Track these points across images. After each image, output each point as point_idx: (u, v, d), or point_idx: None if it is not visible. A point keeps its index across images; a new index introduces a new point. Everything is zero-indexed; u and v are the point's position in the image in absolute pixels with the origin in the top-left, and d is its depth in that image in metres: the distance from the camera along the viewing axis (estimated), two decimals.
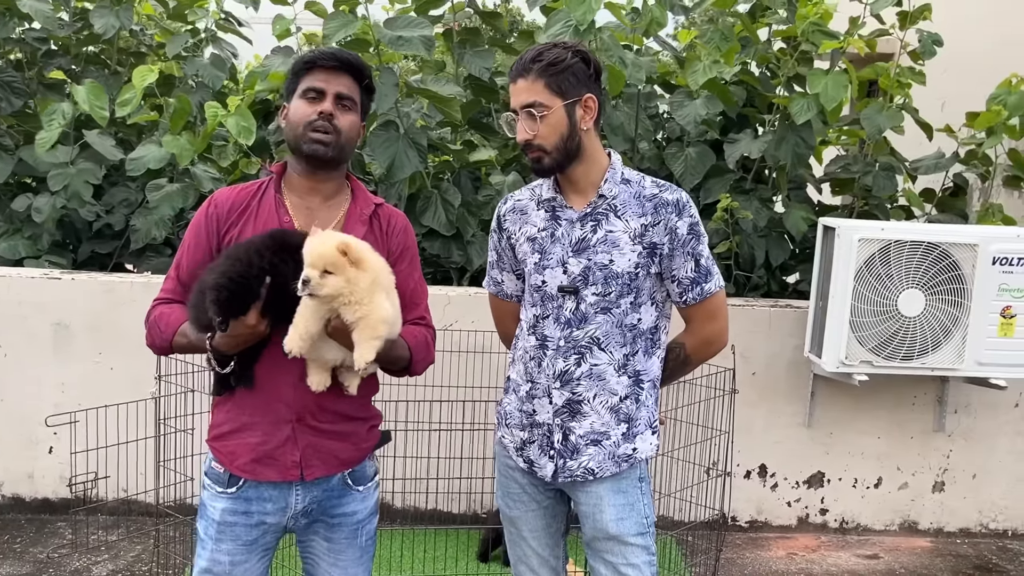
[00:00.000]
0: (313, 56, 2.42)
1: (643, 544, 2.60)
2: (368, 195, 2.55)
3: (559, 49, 2.48)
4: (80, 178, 5.04)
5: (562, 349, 2.56)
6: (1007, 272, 4.35)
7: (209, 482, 2.46)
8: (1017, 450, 4.90)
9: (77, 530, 4.51)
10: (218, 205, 2.44)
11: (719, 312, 2.64)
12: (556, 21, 4.88)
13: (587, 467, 2.57)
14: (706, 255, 2.57)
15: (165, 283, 2.47)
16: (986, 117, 5.83)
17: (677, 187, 2.57)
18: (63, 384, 4.62)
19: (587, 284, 2.53)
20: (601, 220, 2.54)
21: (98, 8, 5.44)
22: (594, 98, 2.51)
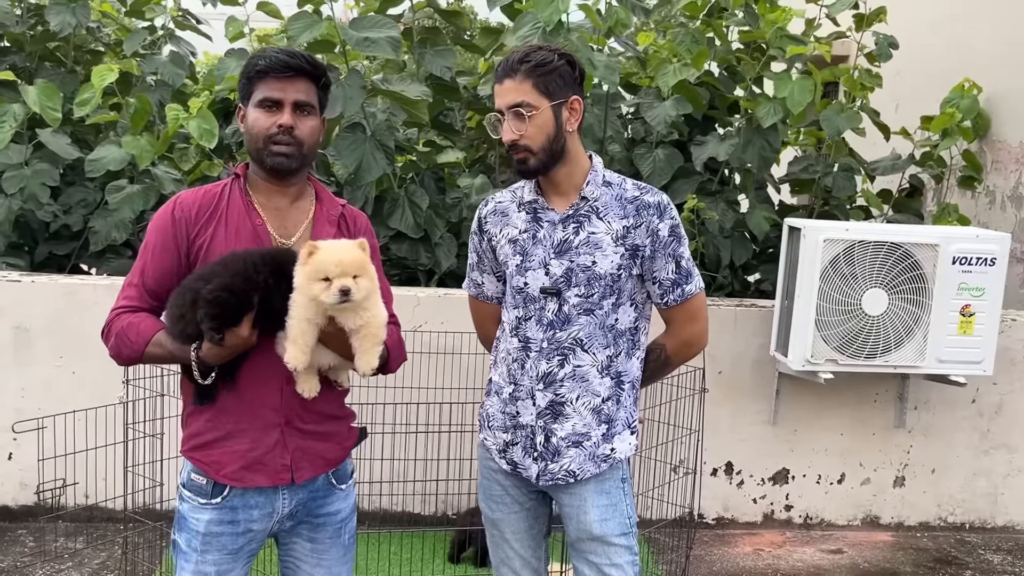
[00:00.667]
0: (265, 64, 2.34)
1: (626, 544, 2.63)
2: (332, 196, 2.54)
3: (546, 51, 2.49)
4: (36, 180, 4.95)
5: (545, 351, 2.58)
6: (966, 272, 4.45)
7: (190, 494, 2.40)
8: (974, 445, 5.01)
9: (40, 538, 4.42)
10: (184, 208, 2.36)
11: (699, 313, 2.68)
12: (524, 23, 4.89)
13: (568, 469, 2.59)
14: (687, 257, 2.61)
15: (126, 290, 2.38)
16: (940, 120, 5.96)
17: (658, 190, 2.60)
18: (23, 389, 4.52)
19: (569, 285, 2.54)
20: (583, 222, 2.55)
21: (54, 5, 5.33)
22: (579, 100, 2.53)
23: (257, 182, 2.42)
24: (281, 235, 2.39)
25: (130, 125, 4.82)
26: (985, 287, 4.47)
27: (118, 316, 2.35)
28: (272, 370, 2.34)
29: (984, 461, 5.03)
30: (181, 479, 2.43)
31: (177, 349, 2.27)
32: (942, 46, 6.99)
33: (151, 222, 2.40)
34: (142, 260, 2.37)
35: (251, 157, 2.41)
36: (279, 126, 2.33)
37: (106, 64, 4.85)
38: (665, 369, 2.76)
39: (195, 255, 2.34)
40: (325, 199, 2.51)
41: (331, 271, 2.18)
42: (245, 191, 2.41)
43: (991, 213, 6.29)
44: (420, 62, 5.53)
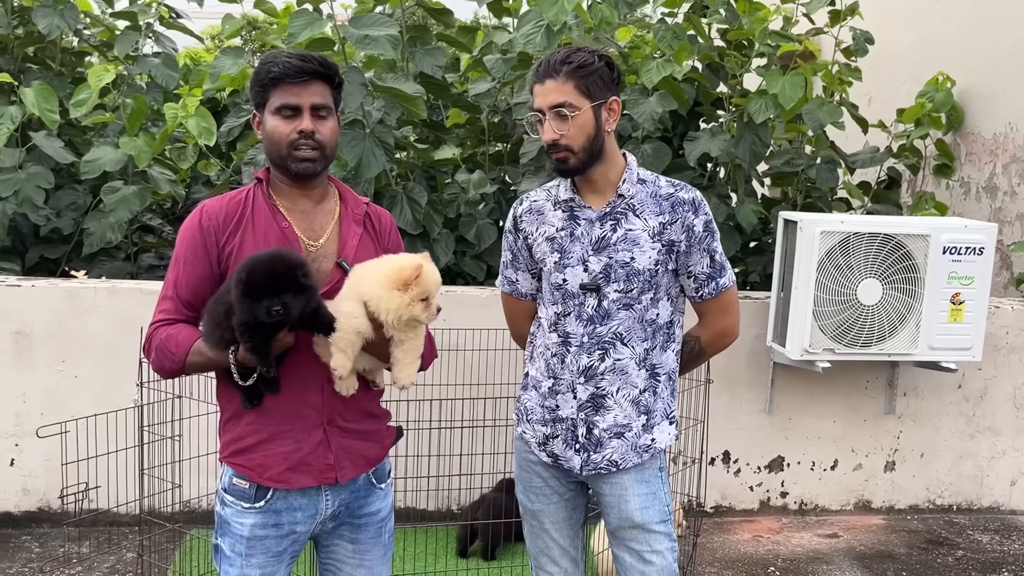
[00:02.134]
0: (280, 71, 2.34)
1: (665, 531, 2.71)
2: (355, 195, 2.57)
3: (586, 53, 2.57)
4: (31, 183, 4.90)
5: (586, 345, 2.64)
6: (956, 261, 4.58)
7: (232, 499, 2.41)
8: (960, 429, 5.17)
9: (45, 543, 4.40)
10: (211, 216, 2.38)
11: (732, 306, 2.77)
12: (527, 21, 4.95)
13: (611, 459, 2.67)
14: (720, 251, 2.69)
15: (161, 304, 2.39)
16: (912, 111, 6.12)
17: (691, 187, 2.68)
18: (24, 394, 4.48)
19: (609, 281, 2.61)
20: (620, 219, 2.62)
21: (41, 8, 5.27)
22: (618, 101, 2.60)
23: (280, 186, 2.44)
24: (309, 237, 2.41)
25: (126, 126, 4.79)
26: (974, 276, 4.61)
27: (156, 330, 2.36)
28: (312, 370, 2.37)
29: (970, 444, 5.19)
30: (222, 484, 2.44)
31: (216, 355, 2.28)
32: (913, 41, 7.16)
33: (179, 234, 2.41)
34: (174, 272, 2.39)
35: (273, 163, 2.42)
36: (300, 132, 2.34)
37: (101, 65, 4.81)
38: (698, 360, 2.87)
39: (225, 261, 2.35)
40: (349, 198, 2.53)
41: (433, 291, 2.25)
42: (269, 196, 2.42)
43: (966, 204, 6.47)
44: (410, 60, 5.56)
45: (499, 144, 6.24)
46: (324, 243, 2.42)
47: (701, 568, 4.47)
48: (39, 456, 4.47)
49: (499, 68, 5.63)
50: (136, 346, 3.92)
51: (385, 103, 5.12)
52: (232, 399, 2.41)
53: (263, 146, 2.42)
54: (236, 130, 5.66)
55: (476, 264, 5.47)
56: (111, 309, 4.47)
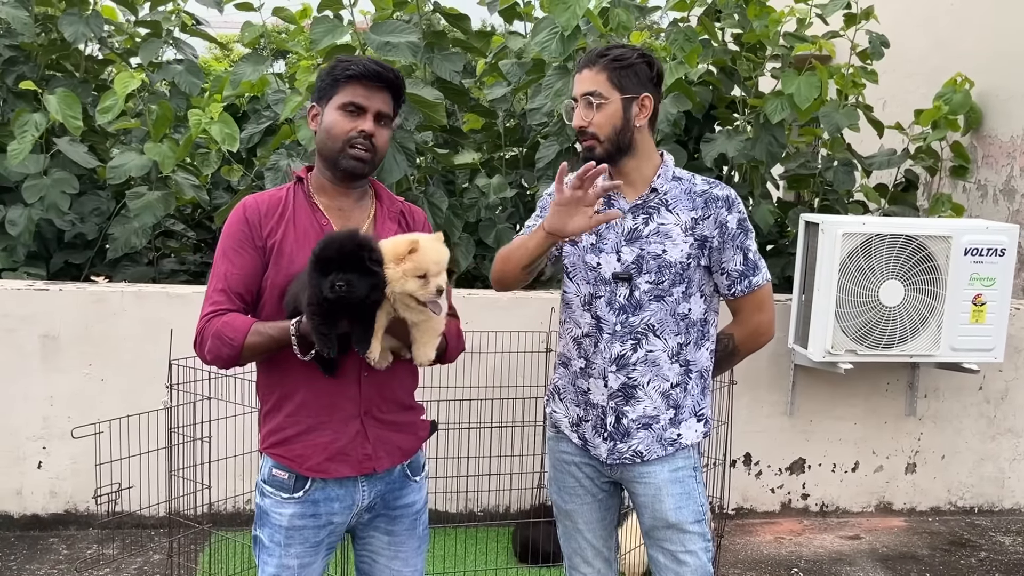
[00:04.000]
0: (358, 70, 2.40)
1: (699, 531, 2.71)
2: (391, 193, 2.61)
3: (626, 49, 2.64)
4: (56, 188, 4.95)
5: (619, 334, 2.66)
6: (977, 262, 4.59)
7: (272, 490, 2.46)
8: (981, 431, 5.17)
9: (72, 545, 4.43)
10: (253, 210, 2.43)
11: (766, 304, 2.77)
12: (542, 28, 4.97)
13: (636, 450, 2.69)
14: (754, 249, 2.71)
15: (212, 297, 2.40)
16: (929, 113, 6.14)
17: (726, 184, 2.71)
18: (52, 397, 4.52)
19: (640, 272, 2.64)
20: (652, 213, 2.66)
21: (66, 16, 5.32)
22: (651, 98, 2.64)
23: (322, 184, 2.48)
24: None
25: (151, 132, 4.84)
26: (995, 277, 4.62)
27: (209, 321, 2.38)
28: (350, 362, 2.42)
29: (991, 446, 5.19)
30: (261, 476, 2.49)
31: (277, 331, 2.32)
32: (928, 44, 7.17)
33: (223, 231, 2.46)
34: (223, 267, 2.41)
35: (323, 157, 2.46)
36: (361, 131, 2.39)
37: (127, 72, 4.85)
38: (733, 359, 2.86)
39: (269, 253, 2.40)
40: (384, 196, 2.58)
41: (431, 269, 2.25)
42: (309, 193, 2.47)
43: (983, 206, 6.47)
44: (428, 65, 5.60)
45: (515, 149, 6.27)
46: None
47: (724, 570, 4.48)
48: (66, 459, 4.52)
49: (515, 73, 5.66)
50: (163, 349, 3.97)
51: (405, 108, 5.15)
52: (273, 390, 2.46)
53: (317, 138, 2.46)
54: (257, 136, 5.70)
55: None
56: (137, 313, 4.50)
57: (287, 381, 2.43)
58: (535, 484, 4.77)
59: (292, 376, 2.42)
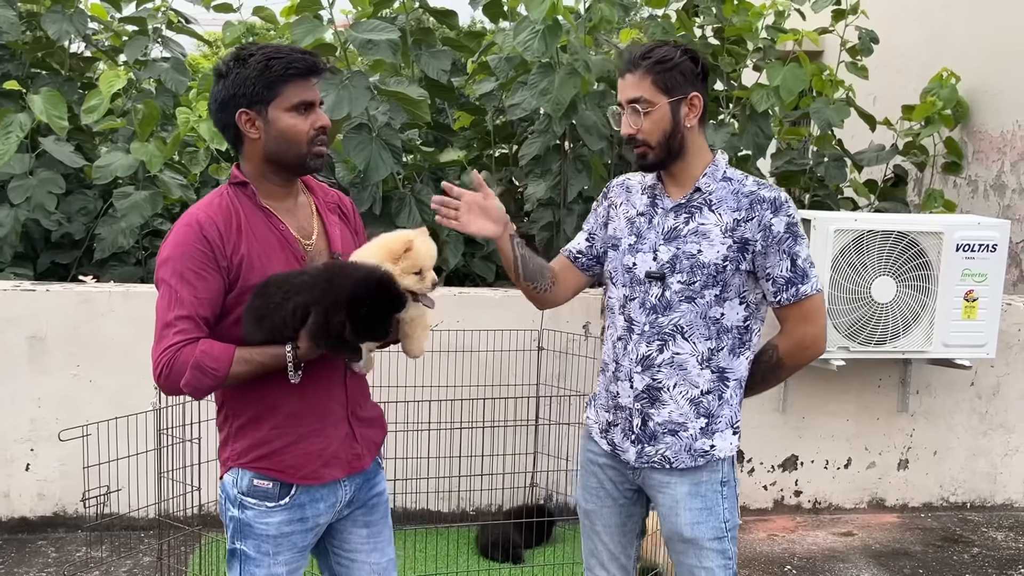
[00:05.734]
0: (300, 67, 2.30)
1: (719, 548, 2.61)
2: (319, 183, 2.56)
3: (668, 47, 2.54)
4: (43, 189, 4.91)
5: (646, 334, 2.60)
6: (969, 258, 4.59)
7: (255, 501, 2.39)
8: (973, 426, 5.17)
9: (61, 548, 4.40)
10: (212, 228, 2.27)
11: (814, 315, 2.59)
12: (524, 27, 4.94)
13: (664, 455, 2.60)
14: (804, 256, 2.55)
15: (176, 326, 2.23)
16: (922, 108, 6.14)
17: (778, 187, 2.60)
18: (39, 399, 4.48)
19: (673, 271, 2.57)
20: (695, 212, 2.59)
21: (50, 13, 5.27)
22: (699, 96, 2.55)
23: (267, 185, 2.37)
24: (301, 235, 2.40)
25: (138, 131, 4.80)
26: (987, 273, 4.61)
27: (180, 351, 2.22)
28: (336, 367, 2.41)
29: (983, 442, 5.19)
30: (238, 488, 2.39)
31: (268, 357, 2.26)
32: (919, 40, 7.17)
33: (173, 251, 2.27)
34: (185, 291, 2.24)
35: (275, 162, 2.33)
36: (320, 127, 2.34)
37: (113, 71, 4.81)
38: (778, 372, 2.68)
39: (236, 271, 2.29)
40: (315, 188, 2.53)
41: (427, 264, 2.29)
42: (255, 197, 2.35)
43: (974, 202, 6.48)
44: (415, 63, 5.58)
45: (504, 146, 6.25)
46: (316, 239, 2.44)
47: None
48: (54, 461, 4.48)
49: (503, 68, 5.64)
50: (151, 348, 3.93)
51: (390, 106, 5.12)
52: (248, 405, 2.38)
53: (266, 145, 2.31)
54: None
55: (485, 265, 5.48)
56: (126, 313, 4.46)
57: (265, 395, 2.36)
58: (527, 483, 4.75)
59: (272, 389, 2.34)
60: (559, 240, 5.22)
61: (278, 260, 2.33)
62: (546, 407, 4.70)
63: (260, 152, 2.33)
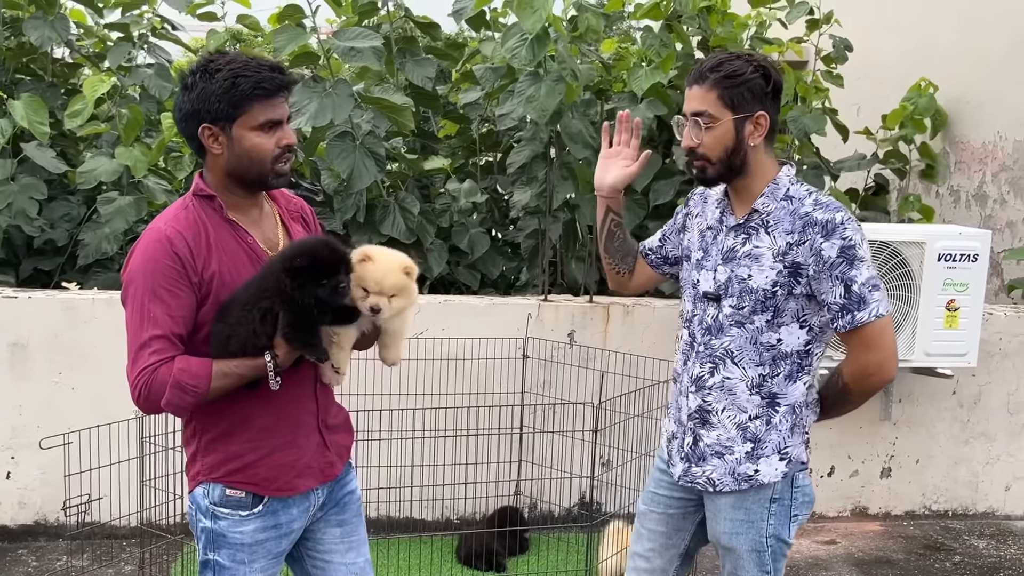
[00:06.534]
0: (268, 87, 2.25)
1: (756, 561, 2.60)
2: (284, 192, 2.55)
3: (741, 62, 2.48)
4: (24, 195, 4.88)
5: (702, 355, 2.61)
6: (951, 268, 4.62)
7: (227, 511, 2.38)
8: (955, 435, 5.20)
9: (41, 556, 4.36)
10: (182, 244, 2.24)
11: (876, 342, 2.48)
12: (512, 35, 4.95)
13: (709, 477, 2.61)
14: (861, 281, 2.43)
15: (151, 345, 2.20)
16: (895, 113, 6.21)
17: (838, 206, 2.48)
18: (20, 406, 4.45)
19: (727, 294, 2.55)
20: (752, 234, 2.54)
21: (32, 19, 5.25)
22: (766, 115, 2.49)
23: (227, 196, 2.34)
24: (268, 247, 2.41)
25: (122, 136, 4.78)
26: (968, 282, 4.64)
27: (156, 371, 2.20)
28: (304, 376, 2.42)
29: (964, 450, 5.22)
30: (210, 499, 2.38)
31: (247, 368, 2.25)
32: (900, 51, 7.23)
33: (143, 266, 2.24)
34: (158, 309, 2.21)
35: (238, 179, 2.32)
36: (285, 146, 2.31)
37: (97, 76, 4.80)
38: (845, 397, 2.60)
39: (207, 287, 2.27)
40: (278, 197, 2.52)
41: (371, 287, 2.29)
42: (221, 210, 2.34)
43: (956, 212, 6.53)
44: (400, 71, 5.58)
45: (490, 154, 6.26)
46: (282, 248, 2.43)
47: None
48: (35, 469, 4.45)
49: (487, 78, 5.65)
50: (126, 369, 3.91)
51: (374, 115, 5.12)
52: (220, 418, 2.36)
53: (229, 162, 2.28)
54: None
55: (470, 273, 5.48)
56: (109, 320, 4.44)
57: (237, 409, 2.35)
58: (512, 492, 4.74)
59: (244, 403, 2.33)
60: (544, 248, 5.23)
61: (248, 274, 2.32)
62: (531, 415, 4.70)
63: (222, 166, 2.31)
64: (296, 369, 2.36)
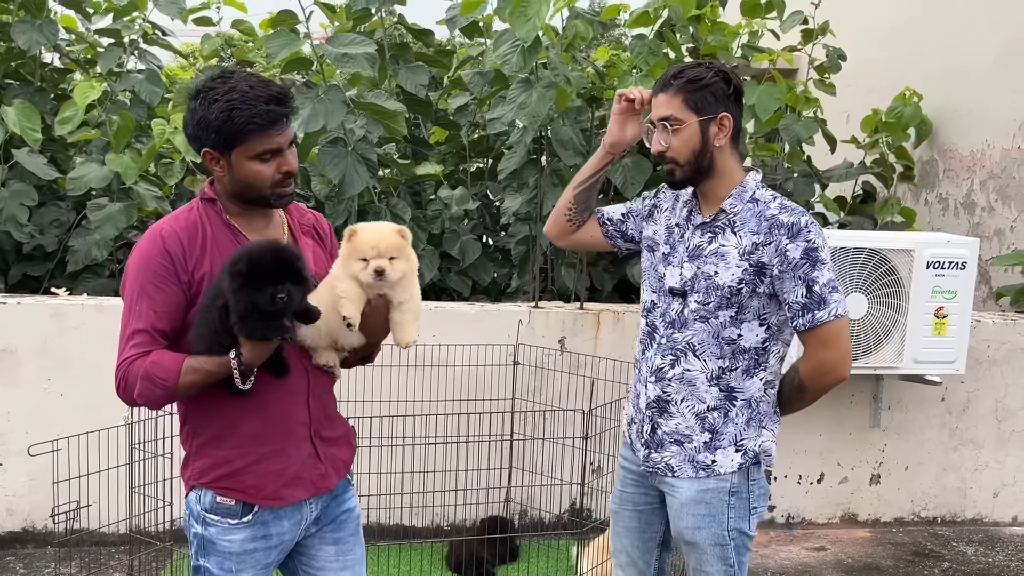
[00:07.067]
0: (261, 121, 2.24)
1: (720, 555, 2.68)
2: (297, 204, 2.55)
3: (702, 68, 2.61)
4: (14, 200, 4.87)
5: (663, 346, 2.70)
6: (939, 275, 4.64)
7: (217, 518, 2.38)
8: (943, 442, 5.22)
9: (29, 564, 4.34)
10: (174, 242, 2.28)
11: (834, 341, 2.58)
12: (503, 41, 4.96)
13: (668, 463, 2.70)
14: (822, 282, 2.54)
15: (132, 339, 2.25)
16: (869, 119, 6.26)
17: (802, 211, 2.59)
18: (9, 413, 4.43)
19: (692, 291, 2.64)
20: (718, 233, 2.64)
21: (19, 24, 5.23)
22: (730, 117, 2.61)
23: (232, 206, 2.37)
24: None
25: (112, 143, 4.77)
26: (957, 290, 4.67)
27: (131, 365, 2.24)
28: (298, 385, 2.41)
29: (953, 457, 5.24)
30: (201, 505, 2.39)
31: (215, 365, 2.24)
32: (890, 60, 7.26)
33: (135, 264, 2.30)
34: (143, 304, 2.26)
35: (240, 197, 2.34)
36: (284, 172, 2.31)
37: (87, 82, 4.79)
38: (801, 394, 2.70)
39: (197, 287, 2.30)
40: (292, 210, 2.52)
41: (367, 252, 2.29)
42: (224, 216, 2.35)
43: (944, 219, 6.56)
44: (393, 77, 5.59)
45: (480, 160, 6.26)
46: None
47: None
48: (24, 476, 4.43)
49: (476, 83, 5.66)
50: None
51: (367, 121, 5.13)
52: (210, 422, 2.37)
53: (231, 185, 2.31)
54: None
55: (461, 280, 5.48)
56: (98, 326, 4.43)
57: (226, 412, 2.35)
58: (502, 499, 4.74)
59: (232, 407, 2.33)
60: (535, 254, 5.24)
61: None
62: (521, 422, 4.70)
63: (225, 186, 2.34)
64: (289, 378, 2.36)
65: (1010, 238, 6.09)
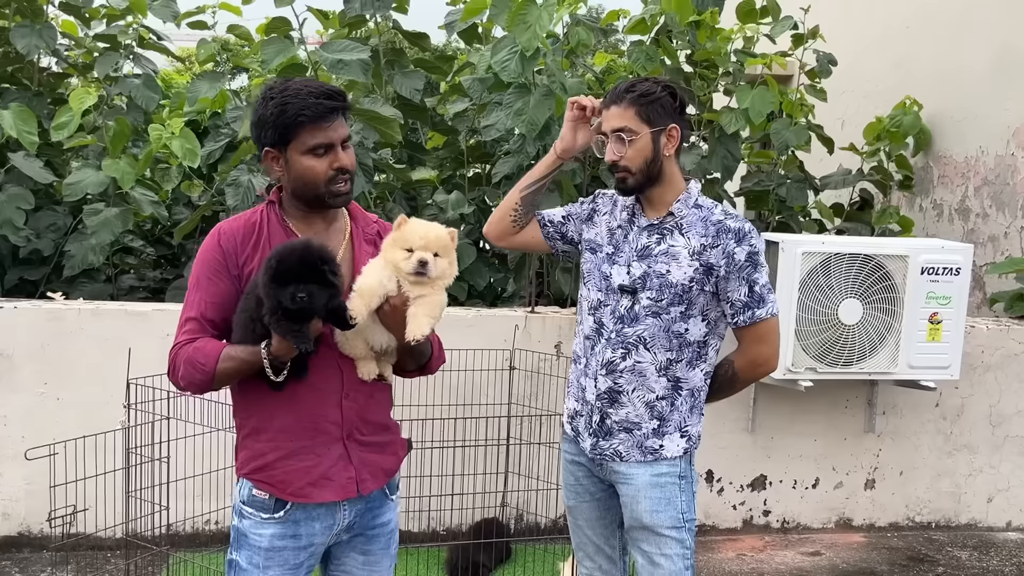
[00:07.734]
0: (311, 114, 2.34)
1: (677, 537, 2.81)
2: (364, 212, 2.59)
3: (650, 83, 2.77)
4: (11, 204, 4.88)
5: (612, 341, 2.81)
6: (934, 281, 4.66)
7: (252, 511, 2.43)
8: (938, 447, 5.23)
9: (25, 568, 4.34)
10: (229, 237, 2.41)
11: (768, 337, 2.82)
12: (502, 48, 4.97)
13: (616, 449, 2.83)
14: (762, 283, 2.77)
15: (184, 326, 2.40)
16: (872, 127, 6.28)
17: (743, 218, 2.82)
18: (5, 417, 4.43)
19: (644, 288, 2.76)
20: (666, 234, 2.80)
21: (18, 28, 5.24)
22: (678, 128, 2.78)
23: (293, 209, 2.46)
24: None
25: (109, 148, 4.78)
26: (951, 296, 4.69)
27: (181, 349, 2.37)
28: (330, 385, 2.43)
29: (947, 462, 5.26)
30: (240, 497, 2.46)
31: (249, 354, 2.31)
32: (885, 66, 7.29)
33: (197, 257, 2.44)
34: (196, 294, 2.41)
35: (300, 197, 2.43)
36: (338, 168, 2.38)
37: (83, 88, 4.79)
38: (734, 385, 2.92)
39: (246, 281, 2.38)
40: (358, 216, 2.56)
41: (415, 243, 2.32)
42: (282, 217, 2.45)
43: (939, 226, 6.58)
44: (388, 83, 5.60)
45: (478, 166, 6.27)
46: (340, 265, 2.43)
47: None
48: (20, 480, 4.42)
49: (475, 89, 5.67)
50: (121, 367, 3.92)
51: (362, 126, 5.14)
52: (251, 415, 2.44)
53: (289, 183, 2.42)
54: (217, 152, 5.65)
55: (457, 284, 5.48)
56: (95, 331, 4.44)
57: (264, 406, 2.42)
58: (498, 503, 4.75)
59: (270, 401, 2.40)
60: (531, 259, 5.25)
61: None
62: (517, 427, 4.71)
63: (286, 185, 2.45)
64: (321, 376, 2.39)
65: (1004, 244, 6.11)
